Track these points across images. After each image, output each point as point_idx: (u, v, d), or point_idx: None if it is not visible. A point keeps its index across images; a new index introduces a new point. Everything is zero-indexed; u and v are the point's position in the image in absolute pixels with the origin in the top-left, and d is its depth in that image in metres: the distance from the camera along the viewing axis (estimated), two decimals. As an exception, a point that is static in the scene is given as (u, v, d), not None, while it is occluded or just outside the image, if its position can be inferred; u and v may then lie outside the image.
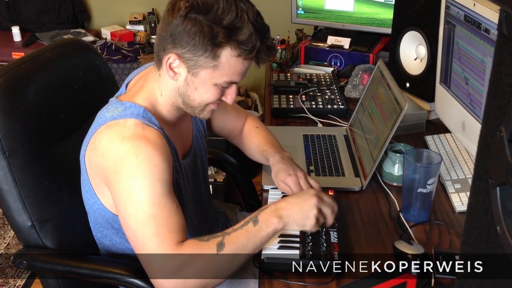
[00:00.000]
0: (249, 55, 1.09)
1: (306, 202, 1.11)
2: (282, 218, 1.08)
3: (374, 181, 1.45)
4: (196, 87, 1.13)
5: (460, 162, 1.47)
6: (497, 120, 0.61)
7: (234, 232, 1.07)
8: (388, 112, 1.41)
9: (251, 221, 1.08)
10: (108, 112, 1.14)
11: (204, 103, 1.16)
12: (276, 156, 1.37)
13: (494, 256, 0.62)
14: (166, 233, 1.04)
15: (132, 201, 1.06)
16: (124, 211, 1.08)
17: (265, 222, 1.08)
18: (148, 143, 1.08)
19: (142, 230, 1.05)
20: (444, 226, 1.27)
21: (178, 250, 1.03)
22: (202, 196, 1.40)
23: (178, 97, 1.16)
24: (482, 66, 1.33)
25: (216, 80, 1.12)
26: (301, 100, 1.90)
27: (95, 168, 1.14)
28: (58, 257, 1.21)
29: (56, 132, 1.30)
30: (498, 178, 0.60)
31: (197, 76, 1.11)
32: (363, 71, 1.98)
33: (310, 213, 1.10)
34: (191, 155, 1.32)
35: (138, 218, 1.05)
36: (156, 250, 1.04)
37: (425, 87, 1.75)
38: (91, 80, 1.42)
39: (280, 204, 1.11)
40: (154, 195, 1.06)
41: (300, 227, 1.11)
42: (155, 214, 1.05)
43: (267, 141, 1.44)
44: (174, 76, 1.12)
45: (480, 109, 1.37)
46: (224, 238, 1.06)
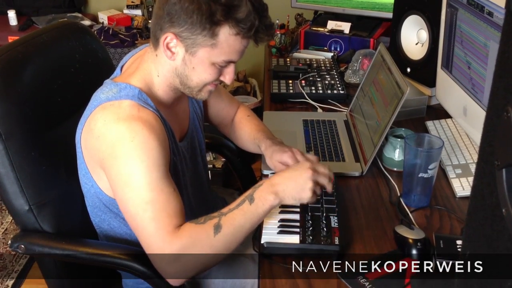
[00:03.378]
0: (247, 33, 1.07)
1: (301, 176, 1.10)
2: (278, 194, 1.08)
3: (374, 166, 1.44)
4: (194, 67, 1.11)
5: (461, 147, 1.46)
6: (503, 100, 0.59)
7: (230, 212, 1.06)
8: (389, 96, 1.40)
9: (246, 200, 1.07)
10: (102, 93, 1.12)
11: (202, 83, 1.15)
12: (267, 142, 1.36)
13: (499, 239, 0.61)
14: (164, 218, 1.04)
15: (129, 186, 1.05)
16: (122, 196, 1.07)
17: (261, 200, 1.07)
18: (144, 125, 1.06)
19: (140, 215, 1.04)
20: (445, 211, 1.26)
21: (176, 235, 1.03)
22: (201, 179, 1.39)
23: (176, 78, 1.14)
24: (485, 50, 1.32)
25: (214, 59, 1.10)
26: (301, 85, 1.89)
27: (91, 151, 1.12)
28: (56, 241, 1.20)
29: (53, 115, 1.28)
30: (504, 159, 0.59)
31: (195, 55, 1.10)
32: (363, 56, 1.96)
33: (306, 186, 1.09)
34: (189, 137, 1.31)
35: (136, 204, 1.05)
36: (154, 236, 1.04)
37: (426, 72, 1.74)
38: (88, 64, 1.39)
39: (275, 180, 1.10)
40: (151, 179, 1.05)
41: (297, 201, 1.10)
42: (153, 199, 1.04)
43: (258, 129, 1.43)
44: (171, 56, 1.11)
45: (482, 93, 1.36)
46: (220, 219, 1.05)
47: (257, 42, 1.12)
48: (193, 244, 1.03)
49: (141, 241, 1.07)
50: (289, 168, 1.16)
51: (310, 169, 1.11)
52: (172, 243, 1.03)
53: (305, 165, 1.12)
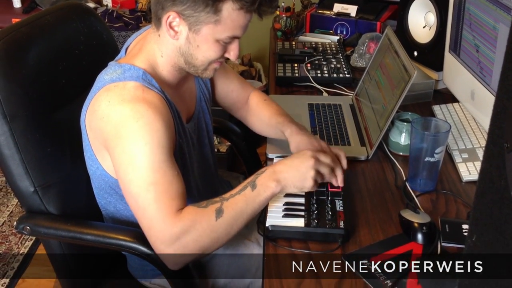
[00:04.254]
0: (251, 7, 1.06)
1: (303, 164, 1.10)
2: (280, 181, 1.07)
3: (380, 150, 1.44)
4: (198, 45, 1.10)
5: (468, 132, 1.45)
6: (515, 81, 0.58)
7: (232, 197, 1.06)
8: (396, 80, 1.38)
9: (249, 186, 1.07)
10: (107, 75, 1.12)
11: (207, 61, 1.14)
12: (293, 127, 1.34)
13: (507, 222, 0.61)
14: (166, 200, 1.04)
15: (132, 167, 1.05)
16: (125, 176, 1.06)
17: (263, 186, 1.07)
18: (149, 106, 1.06)
19: (143, 197, 1.04)
20: (451, 196, 1.25)
21: (177, 217, 1.03)
22: (208, 161, 1.38)
23: (180, 57, 1.13)
24: (494, 32, 1.30)
25: (219, 36, 1.09)
26: (306, 68, 1.87)
27: (95, 132, 1.12)
28: (61, 223, 1.21)
29: (58, 97, 1.28)
30: (514, 142, 0.58)
31: (198, 33, 1.09)
32: (370, 40, 1.94)
33: (308, 174, 1.09)
34: (195, 119, 1.30)
35: (138, 185, 1.04)
36: (156, 217, 1.03)
37: (434, 55, 1.72)
38: (92, 45, 1.39)
39: (278, 167, 1.10)
40: (154, 161, 1.04)
41: (298, 190, 1.11)
42: (156, 180, 1.04)
43: (279, 113, 1.41)
44: (175, 35, 1.10)
45: (491, 77, 1.34)
46: (222, 204, 1.05)
47: (261, 15, 1.11)
48: (194, 227, 1.03)
49: (141, 223, 1.07)
50: (292, 156, 1.16)
51: (312, 157, 1.10)
52: (173, 225, 1.02)
53: (308, 154, 1.12)
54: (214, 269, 1.31)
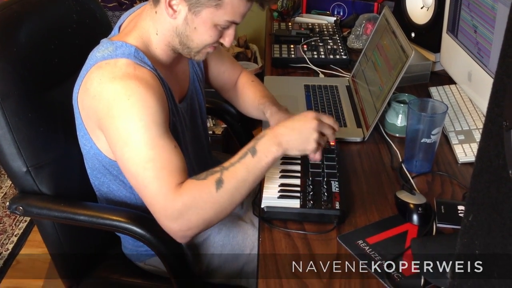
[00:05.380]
0: None
1: (306, 126, 1.06)
2: (281, 145, 1.04)
3: (376, 132, 1.43)
4: (196, 27, 1.08)
5: (465, 114, 1.44)
6: (515, 58, 0.57)
7: (232, 166, 1.04)
8: (393, 60, 1.37)
9: (249, 152, 1.04)
10: (98, 52, 1.10)
11: (202, 45, 1.12)
12: (273, 108, 1.34)
13: (504, 201, 0.60)
14: (166, 176, 1.02)
15: (128, 145, 1.03)
16: (122, 156, 1.05)
17: (264, 152, 1.04)
18: (140, 83, 1.04)
19: (142, 174, 1.03)
20: (447, 177, 1.25)
21: (178, 192, 1.02)
22: (201, 142, 1.37)
23: (175, 37, 1.11)
24: (492, 13, 1.28)
25: (217, 20, 1.07)
26: (303, 50, 1.85)
27: (88, 111, 1.11)
28: (54, 203, 1.20)
29: (50, 76, 1.26)
30: (513, 120, 0.57)
31: (198, 15, 1.06)
32: (367, 21, 1.92)
33: (311, 137, 1.05)
34: (188, 99, 1.28)
35: (136, 163, 1.03)
36: (157, 194, 1.02)
37: (431, 36, 1.70)
38: (85, 24, 1.36)
39: (278, 130, 1.06)
40: (150, 137, 1.03)
41: (301, 152, 1.07)
42: (153, 157, 1.02)
43: (263, 95, 1.41)
44: (173, 14, 1.08)
45: (488, 58, 1.33)
46: (222, 174, 1.03)
47: (263, 5, 1.09)
48: (195, 200, 1.02)
49: (144, 201, 1.06)
50: (293, 118, 1.10)
51: (315, 119, 1.06)
52: (175, 201, 1.01)
53: (310, 115, 1.08)
54: (209, 250, 1.30)
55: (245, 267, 1.30)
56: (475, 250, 0.68)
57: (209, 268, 1.31)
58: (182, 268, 1.18)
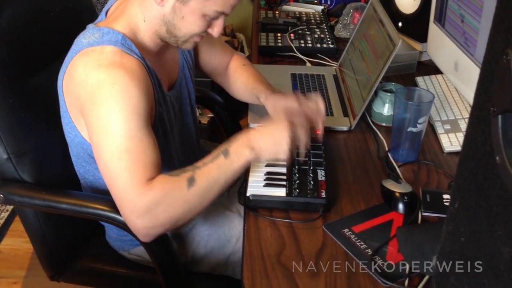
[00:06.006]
0: None
1: (279, 131, 1.05)
2: (254, 149, 1.03)
3: (363, 121, 1.42)
4: (184, 16, 1.06)
5: (451, 103, 1.44)
6: (503, 43, 0.57)
7: (205, 166, 1.02)
8: (381, 49, 1.36)
9: (222, 154, 1.03)
10: (84, 38, 1.07)
11: (189, 34, 1.10)
12: (267, 91, 1.33)
13: (490, 188, 0.60)
14: (139, 169, 1.00)
15: (106, 133, 1.01)
16: (98, 143, 1.03)
17: (236, 154, 1.03)
18: (126, 72, 1.01)
19: (115, 164, 1.00)
20: (433, 166, 1.25)
21: (148, 187, 0.99)
22: (190, 130, 1.35)
23: (163, 25, 1.09)
24: (479, 2, 1.28)
25: (206, 10, 1.05)
26: (290, 38, 1.84)
27: (72, 98, 1.08)
28: (36, 191, 1.17)
29: (32, 62, 1.23)
30: (500, 105, 0.57)
31: (186, 5, 1.04)
32: (354, 10, 1.91)
33: (283, 141, 1.04)
34: (178, 86, 1.26)
35: (111, 151, 1.00)
36: (127, 185, 1.00)
37: (418, 26, 1.70)
38: (68, 8, 1.34)
39: (252, 134, 1.06)
40: (129, 128, 1.00)
41: (273, 156, 1.06)
42: (130, 148, 1.00)
43: (256, 79, 1.39)
44: (160, 1, 1.05)
45: (475, 47, 1.33)
46: (194, 173, 1.01)
47: None
48: (165, 196, 1.00)
49: (112, 192, 1.03)
50: (268, 123, 1.11)
51: (287, 122, 1.06)
52: (144, 194, 0.99)
53: (284, 121, 1.07)
54: (194, 239, 1.29)
55: (231, 257, 1.30)
56: (461, 238, 0.68)
57: (194, 257, 1.30)
58: (167, 257, 1.17)
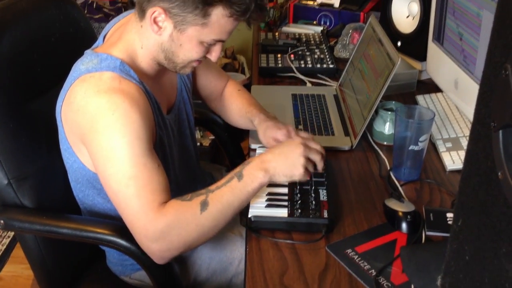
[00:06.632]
0: (241, 16, 1.03)
1: (293, 152, 1.06)
2: (268, 171, 1.04)
3: (364, 140, 1.42)
4: (181, 44, 1.07)
5: (452, 121, 1.43)
6: (502, 58, 0.56)
7: (218, 189, 1.03)
8: (380, 68, 1.37)
9: (235, 177, 1.03)
10: (82, 64, 1.08)
11: (188, 60, 1.11)
12: (261, 116, 1.33)
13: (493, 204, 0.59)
14: (148, 194, 1.00)
15: (111, 161, 1.01)
16: (104, 171, 1.03)
17: (250, 177, 1.03)
18: (125, 97, 1.02)
19: (123, 192, 1.00)
20: (435, 185, 1.24)
21: (160, 212, 0.99)
22: (189, 153, 1.35)
23: (161, 52, 1.09)
24: (477, 19, 1.28)
25: (203, 38, 1.06)
26: (290, 59, 1.85)
27: (71, 125, 1.08)
28: (36, 216, 1.16)
29: (32, 86, 1.24)
30: (501, 120, 0.56)
31: (183, 33, 1.05)
32: (353, 30, 1.93)
33: (297, 162, 1.05)
34: (176, 109, 1.27)
35: (118, 179, 1.01)
36: (138, 213, 1.00)
37: (417, 45, 1.71)
38: (69, 33, 1.34)
39: (266, 157, 1.06)
40: (133, 154, 1.00)
41: (288, 178, 1.06)
42: (136, 174, 1.00)
43: (250, 103, 1.39)
44: (158, 30, 1.06)
45: (474, 65, 1.33)
46: (208, 196, 1.01)
47: (250, 24, 1.08)
48: (178, 221, 1.00)
49: (124, 219, 1.04)
50: (280, 144, 1.12)
51: (301, 144, 1.07)
52: (157, 221, 0.99)
53: (297, 141, 1.09)
54: (196, 262, 1.28)
55: (234, 279, 1.28)
56: (465, 256, 0.67)
57: (196, 281, 1.28)
58: (169, 281, 1.15)
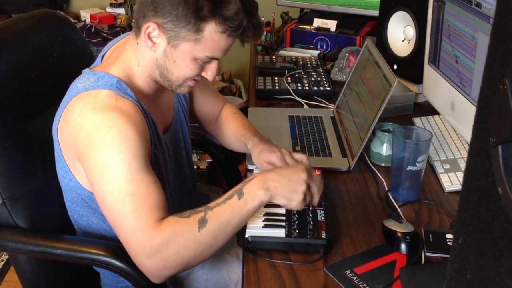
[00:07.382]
0: (234, 32, 1.03)
1: (297, 176, 1.05)
2: (269, 189, 1.02)
3: (361, 161, 1.42)
4: (175, 60, 1.07)
5: (449, 143, 1.44)
6: (499, 73, 0.57)
7: (217, 207, 1.01)
8: (377, 90, 1.37)
9: (235, 194, 1.02)
10: (80, 83, 1.08)
11: (183, 78, 1.11)
12: (254, 139, 1.32)
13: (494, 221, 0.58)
14: (145, 211, 0.99)
15: (106, 178, 1.00)
16: (99, 188, 1.02)
17: (251, 195, 1.01)
18: (121, 115, 1.01)
19: (119, 209, 0.99)
20: (434, 206, 1.23)
21: (158, 228, 0.97)
22: (185, 173, 1.34)
23: (156, 69, 1.10)
24: (472, 42, 1.30)
25: (197, 54, 1.06)
26: (287, 81, 1.86)
27: (67, 143, 1.08)
28: (30, 237, 1.15)
29: (29, 106, 1.23)
30: (500, 135, 0.56)
31: (177, 49, 1.05)
32: (349, 54, 1.94)
33: (299, 188, 1.04)
34: (172, 130, 1.26)
35: (114, 197, 0.99)
36: (134, 229, 0.98)
37: (413, 68, 1.72)
38: (67, 54, 1.35)
39: (268, 175, 1.05)
40: (129, 171, 1.00)
41: (287, 201, 1.04)
42: (132, 191, 0.99)
43: (244, 126, 1.39)
44: (152, 46, 1.06)
45: (471, 87, 1.34)
46: (206, 213, 1.00)
47: (243, 41, 1.08)
48: (176, 238, 0.98)
49: (120, 237, 1.02)
50: (285, 166, 1.11)
51: (305, 171, 1.06)
52: (153, 237, 0.97)
53: (301, 167, 1.08)
54: (192, 284, 1.25)
55: (230, 302, 1.26)
56: (467, 275, 0.66)
57: (192, 303, 1.26)
58: (164, 304, 1.13)
